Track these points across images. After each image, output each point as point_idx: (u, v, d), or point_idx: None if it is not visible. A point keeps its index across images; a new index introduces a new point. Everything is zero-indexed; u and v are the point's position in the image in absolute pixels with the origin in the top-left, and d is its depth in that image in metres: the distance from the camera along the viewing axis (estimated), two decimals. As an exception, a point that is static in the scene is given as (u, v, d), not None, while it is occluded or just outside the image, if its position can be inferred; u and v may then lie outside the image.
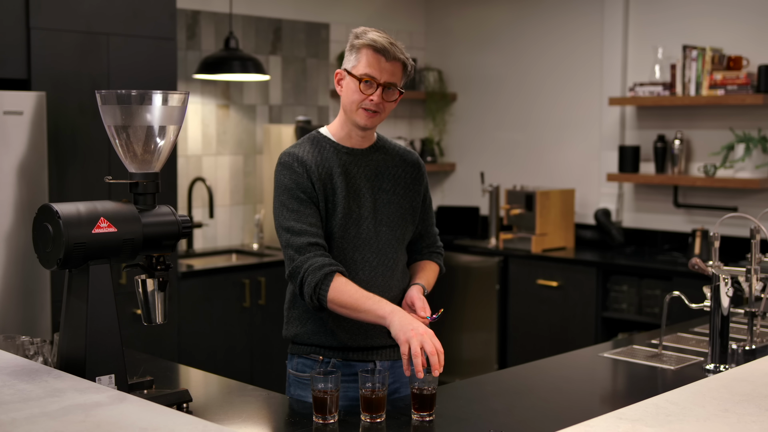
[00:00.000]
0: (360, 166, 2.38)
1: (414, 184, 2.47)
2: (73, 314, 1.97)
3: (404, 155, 2.48)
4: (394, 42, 2.30)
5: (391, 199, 2.41)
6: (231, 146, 5.21)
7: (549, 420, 2.08)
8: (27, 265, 3.62)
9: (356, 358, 2.36)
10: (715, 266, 2.54)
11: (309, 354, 2.38)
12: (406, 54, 2.32)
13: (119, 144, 2.03)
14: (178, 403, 2.10)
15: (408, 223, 2.44)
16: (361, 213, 2.35)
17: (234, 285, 4.60)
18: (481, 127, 5.99)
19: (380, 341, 2.36)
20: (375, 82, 2.27)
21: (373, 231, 2.36)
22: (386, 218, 2.39)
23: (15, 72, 3.68)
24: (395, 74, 2.29)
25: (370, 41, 2.27)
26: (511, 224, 5.28)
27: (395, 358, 2.40)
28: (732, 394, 1.83)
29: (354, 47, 2.32)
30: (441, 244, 2.60)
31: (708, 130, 4.96)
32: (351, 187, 2.35)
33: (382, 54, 2.27)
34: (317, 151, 2.36)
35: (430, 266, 2.53)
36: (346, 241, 2.34)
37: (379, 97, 2.28)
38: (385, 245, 2.37)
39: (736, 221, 4.40)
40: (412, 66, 2.36)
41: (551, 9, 5.61)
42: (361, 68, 2.29)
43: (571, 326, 4.87)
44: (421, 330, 2.07)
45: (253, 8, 5.26)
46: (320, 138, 2.39)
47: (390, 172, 2.42)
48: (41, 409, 1.59)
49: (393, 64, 2.28)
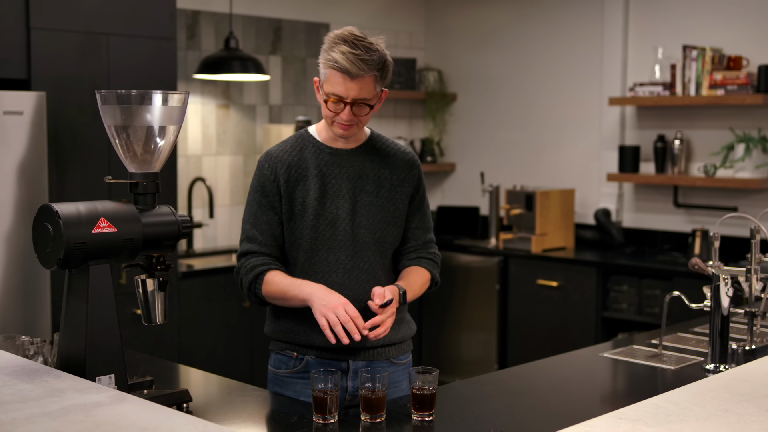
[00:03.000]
0: (342, 166, 2.36)
1: (402, 185, 2.41)
2: (73, 314, 1.97)
3: (396, 155, 2.43)
4: (361, 54, 2.19)
5: (373, 201, 2.37)
6: (231, 146, 5.22)
7: (549, 420, 2.08)
8: (27, 265, 3.62)
9: (330, 357, 2.35)
10: (715, 266, 2.54)
11: (284, 350, 2.40)
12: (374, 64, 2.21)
13: (119, 144, 2.03)
14: (178, 403, 2.10)
15: (390, 226, 2.38)
16: (337, 214, 2.33)
17: (234, 285, 4.57)
18: (481, 127, 5.99)
19: (353, 343, 2.31)
20: (342, 101, 2.24)
21: (350, 233, 2.33)
22: (366, 220, 2.35)
23: (15, 72, 3.68)
24: (364, 89, 2.23)
25: (333, 63, 2.21)
26: (511, 224, 5.28)
27: (370, 358, 2.37)
28: (732, 394, 1.83)
29: (322, 61, 2.26)
30: (435, 251, 2.51)
31: (708, 130, 4.96)
32: (328, 188, 2.33)
33: (346, 74, 2.21)
34: (297, 151, 2.36)
35: (417, 271, 2.43)
36: (319, 243, 2.32)
37: (348, 115, 2.25)
38: (362, 248, 2.34)
39: (736, 221, 4.40)
40: (388, 67, 2.27)
41: (551, 9, 5.61)
42: (327, 87, 2.25)
43: (571, 326, 4.87)
44: (333, 303, 2.18)
45: (253, 8, 5.26)
46: (305, 137, 2.40)
47: (375, 174, 2.38)
48: (41, 409, 1.59)
49: (360, 81, 2.22)
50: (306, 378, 2.34)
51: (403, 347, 2.47)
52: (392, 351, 2.42)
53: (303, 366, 2.36)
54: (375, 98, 2.28)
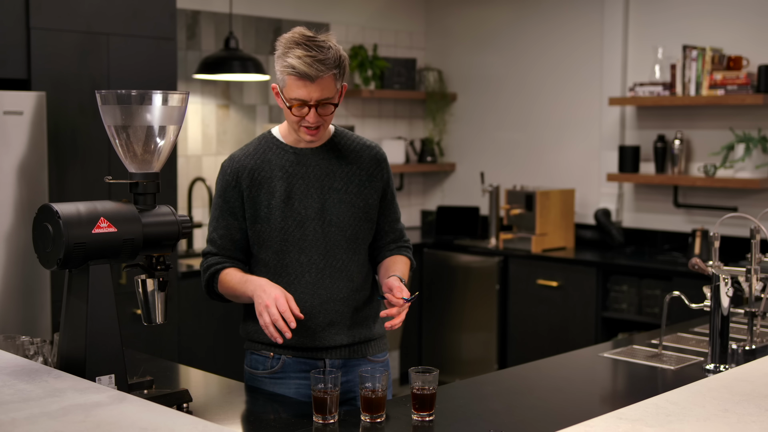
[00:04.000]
0: (308, 166, 2.35)
1: (370, 180, 2.40)
2: (73, 314, 1.97)
3: (362, 151, 2.42)
4: (317, 55, 2.17)
5: (343, 198, 2.36)
6: (231, 146, 5.21)
7: (549, 420, 2.08)
8: (27, 265, 3.62)
9: (306, 356, 2.36)
10: (715, 266, 2.54)
11: (260, 351, 2.40)
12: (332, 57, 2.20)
13: (119, 144, 2.03)
14: (178, 403, 2.10)
15: (362, 222, 2.38)
16: (306, 214, 2.33)
17: (234, 285, 4.60)
18: (481, 127, 5.99)
19: (329, 341, 2.35)
20: (306, 104, 2.23)
21: (320, 232, 2.33)
22: (336, 219, 2.35)
23: (15, 72, 3.68)
24: (326, 89, 2.22)
25: (291, 69, 2.20)
26: (511, 224, 5.28)
27: (346, 357, 2.38)
28: (732, 394, 1.83)
29: (279, 68, 2.25)
30: (408, 239, 2.55)
31: (708, 130, 4.96)
32: (295, 189, 2.33)
33: (306, 78, 2.20)
34: (260, 153, 2.36)
35: (401, 259, 2.47)
36: (289, 244, 2.32)
37: (314, 117, 2.25)
38: (333, 247, 2.34)
39: (736, 221, 4.40)
40: (344, 63, 2.25)
41: (551, 9, 5.61)
42: (288, 92, 2.24)
43: (571, 326, 4.87)
44: (267, 301, 2.16)
45: (253, 8, 5.26)
46: (269, 139, 2.40)
47: (342, 171, 2.37)
48: (41, 409, 1.59)
49: (320, 82, 2.21)
50: (283, 378, 2.35)
51: (380, 344, 2.47)
52: (369, 348, 2.43)
53: (280, 366, 2.36)
54: (336, 95, 2.27)
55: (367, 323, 2.42)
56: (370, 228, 2.42)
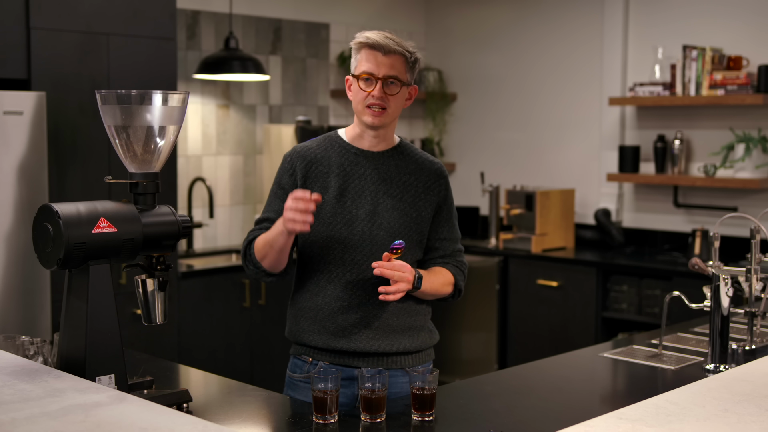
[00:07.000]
0: (367, 167, 2.36)
1: (426, 193, 2.40)
2: (73, 314, 1.97)
3: (423, 164, 2.43)
4: (391, 36, 2.31)
5: (396, 204, 2.35)
6: (231, 146, 5.22)
7: (549, 420, 2.08)
8: (27, 265, 3.62)
9: (343, 363, 2.34)
10: (715, 266, 2.54)
11: (300, 355, 2.39)
12: (406, 46, 2.33)
13: (119, 144, 2.03)
14: (178, 403, 2.10)
15: (411, 232, 2.36)
16: (356, 214, 2.33)
17: (234, 285, 4.60)
18: (481, 127, 5.99)
19: (363, 345, 2.31)
20: (374, 77, 2.28)
21: (368, 234, 2.32)
22: (386, 223, 2.33)
23: (15, 72, 3.68)
24: (395, 67, 2.30)
25: (365, 39, 2.30)
26: (511, 224, 5.28)
27: (385, 366, 2.34)
28: (732, 394, 1.83)
29: (353, 50, 2.35)
30: (462, 260, 2.49)
31: (708, 130, 4.96)
32: (349, 187, 2.34)
33: (377, 49, 2.29)
34: (323, 149, 2.39)
35: (440, 270, 2.41)
36: (335, 241, 2.32)
37: (379, 92, 2.28)
38: (379, 250, 2.32)
39: (736, 221, 4.40)
40: (417, 59, 2.36)
41: (551, 9, 5.61)
42: (360, 67, 2.32)
43: (571, 326, 4.87)
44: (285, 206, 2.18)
45: (253, 8, 5.26)
46: (333, 137, 2.42)
47: (401, 179, 2.38)
48: (41, 409, 1.59)
49: (390, 57, 2.30)
50: None
51: (422, 356, 2.42)
52: (408, 360, 2.38)
53: (317, 372, 2.35)
54: (406, 79, 2.32)
55: (410, 333, 2.37)
56: (419, 240, 2.38)
